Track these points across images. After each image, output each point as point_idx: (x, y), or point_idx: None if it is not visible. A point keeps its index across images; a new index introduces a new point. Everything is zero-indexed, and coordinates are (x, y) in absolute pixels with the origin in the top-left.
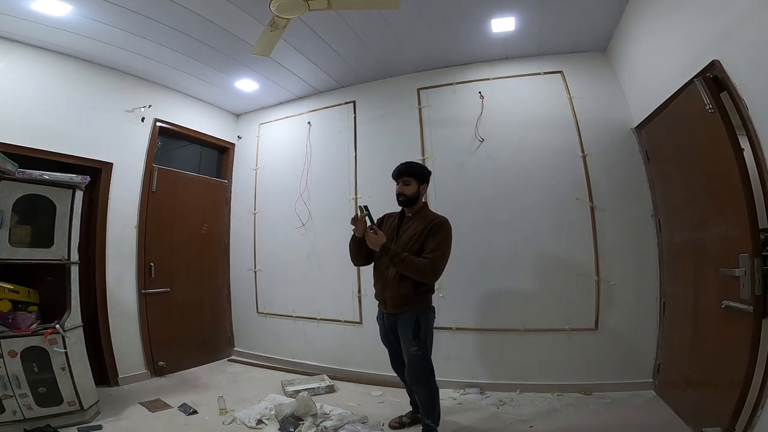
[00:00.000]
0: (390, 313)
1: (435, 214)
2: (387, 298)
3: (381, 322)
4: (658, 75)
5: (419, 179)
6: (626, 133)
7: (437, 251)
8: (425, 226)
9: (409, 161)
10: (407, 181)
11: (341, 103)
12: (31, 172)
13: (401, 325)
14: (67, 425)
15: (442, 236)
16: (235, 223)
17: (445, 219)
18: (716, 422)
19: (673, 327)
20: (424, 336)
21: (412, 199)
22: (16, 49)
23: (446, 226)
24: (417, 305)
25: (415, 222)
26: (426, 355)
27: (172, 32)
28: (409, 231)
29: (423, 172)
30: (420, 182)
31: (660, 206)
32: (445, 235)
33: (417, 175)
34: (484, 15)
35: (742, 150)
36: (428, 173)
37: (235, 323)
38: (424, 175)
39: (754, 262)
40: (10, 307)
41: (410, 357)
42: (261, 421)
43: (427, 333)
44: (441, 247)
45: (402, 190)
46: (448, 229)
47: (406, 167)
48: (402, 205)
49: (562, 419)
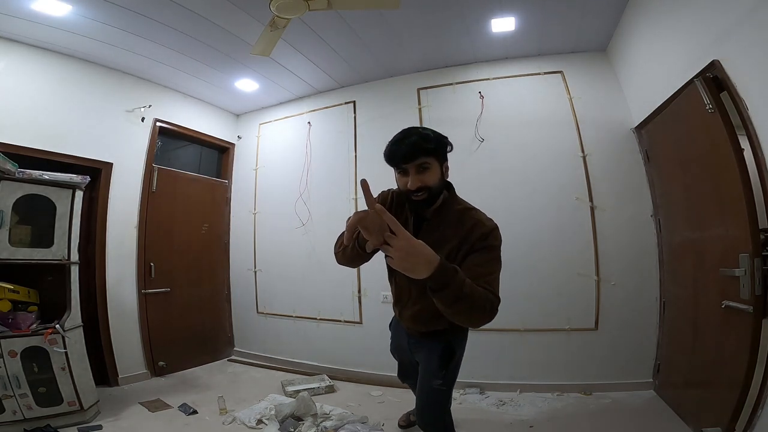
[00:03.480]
0: (413, 335)
1: (474, 213)
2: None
3: (397, 332)
4: (658, 75)
5: (441, 156)
6: (626, 133)
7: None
8: (464, 237)
9: (414, 128)
10: (426, 165)
11: (341, 103)
12: (31, 172)
13: (423, 350)
14: (67, 425)
15: (494, 253)
16: (235, 223)
17: (494, 224)
18: (716, 422)
19: (673, 327)
20: (454, 369)
21: (437, 192)
22: (16, 49)
23: (497, 236)
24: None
25: (443, 227)
26: (449, 391)
27: (172, 32)
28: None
29: (442, 141)
30: (442, 161)
31: (660, 206)
32: (497, 254)
33: (436, 150)
34: (484, 15)
35: (742, 150)
36: (445, 142)
37: (235, 323)
38: (445, 147)
39: (754, 262)
40: (10, 307)
41: (430, 392)
42: (261, 421)
43: (458, 366)
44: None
45: (421, 181)
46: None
47: (421, 140)
48: (424, 205)
49: (562, 419)
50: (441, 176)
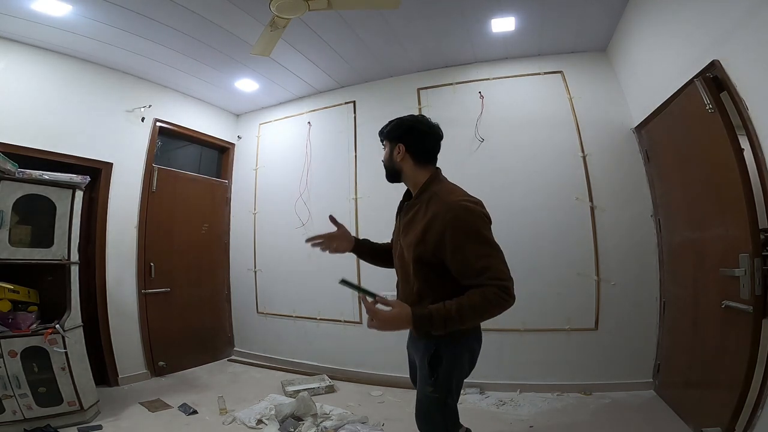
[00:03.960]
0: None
1: (442, 196)
2: None
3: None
4: (658, 75)
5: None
6: (626, 133)
7: (478, 264)
8: (429, 222)
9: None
10: (383, 145)
11: (341, 103)
12: (31, 172)
13: (418, 353)
14: (67, 425)
15: (464, 233)
16: (235, 223)
17: (460, 207)
18: (716, 422)
19: (673, 327)
20: (445, 376)
21: (392, 170)
22: (16, 49)
23: (458, 214)
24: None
25: (414, 211)
26: (444, 400)
27: (172, 32)
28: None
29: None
30: (393, 142)
31: (660, 206)
32: (467, 230)
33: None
34: (484, 15)
35: (742, 150)
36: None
37: (235, 323)
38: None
39: (754, 262)
40: (10, 307)
41: (423, 398)
42: (261, 421)
43: (451, 373)
44: (475, 251)
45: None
46: (465, 221)
47: (380, 131)
48: (394, 182)
49: (562, 419)
50: (390, 156)
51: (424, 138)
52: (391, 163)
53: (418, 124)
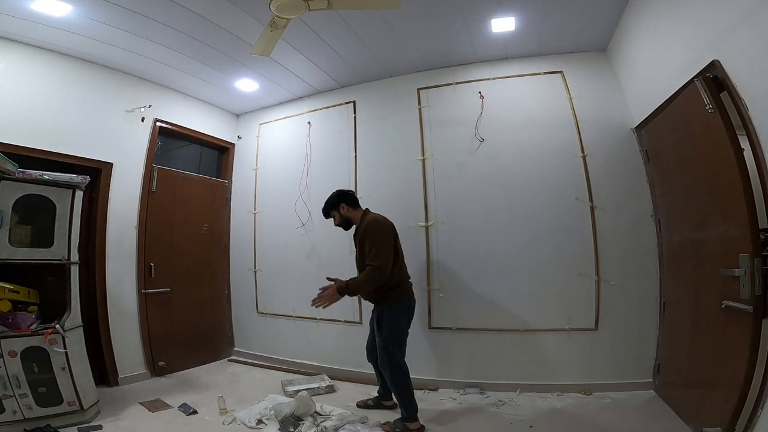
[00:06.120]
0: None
1: (367, 220)
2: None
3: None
4: (658, 75)
5: (334, 208)
6: (626, 133)
7: (371, 254)
8: (360, 237)
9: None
10: (331, 216)
11: (341, 103)
12: (31, 172)
13: (373, 320)
14: (67, 425)
15: (370, 238)
16: (235, 223)
17: (372, 220)
18: (716, 422)
19: (673, 327)
20: (388, 329)
21: (346, 223)
22: (16, 49)
23: (371, 227)
24: (382, 302)
25: (357, 237)
26: (387, 347)
27: (172, 32)
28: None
29: (330, 202)
30: (335, 210)
31: (660, 206)
32: (373, 235)
33: (327, 209)
34: (484, 15)
35: (742, 150)
36: (336, 199)
37: (235, 323)
38: (332, 205)
39: (754, 262)
40: (10, 307)
41: (379, 348)
42: (261, 421)
43: (391, 326)
44: (373, 247)
45: (335, 223)
46: (373, 229)
47: (323, 210)
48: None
49: (562, 419)
50: (339, 216)
51: (348, 195)
52: (343, 217)
53: (342, 191)
